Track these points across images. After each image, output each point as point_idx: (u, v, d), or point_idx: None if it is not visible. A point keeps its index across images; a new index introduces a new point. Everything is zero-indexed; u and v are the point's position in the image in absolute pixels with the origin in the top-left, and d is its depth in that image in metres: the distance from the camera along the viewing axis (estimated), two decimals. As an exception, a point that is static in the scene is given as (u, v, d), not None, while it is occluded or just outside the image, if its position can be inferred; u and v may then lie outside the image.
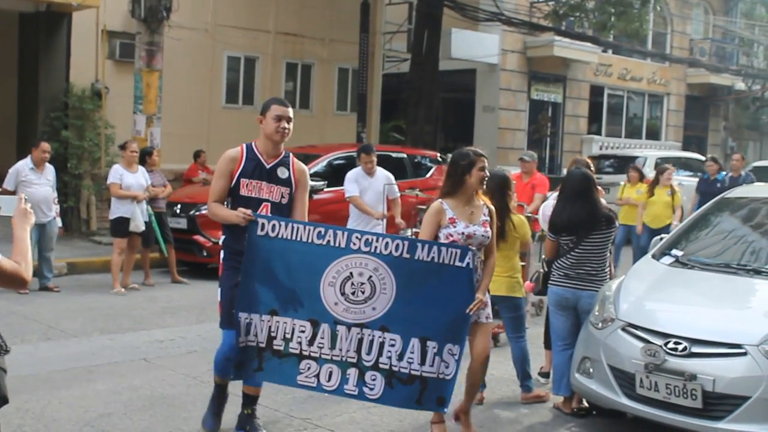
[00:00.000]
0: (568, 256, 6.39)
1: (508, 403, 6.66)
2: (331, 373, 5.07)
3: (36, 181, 10.55)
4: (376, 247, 5.06)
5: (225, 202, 5.45)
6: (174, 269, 11.74)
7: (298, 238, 5.04)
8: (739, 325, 5.52)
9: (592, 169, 7.06)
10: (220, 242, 5.52)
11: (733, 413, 5.17)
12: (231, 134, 17.67)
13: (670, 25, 29.78)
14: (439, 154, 15.84)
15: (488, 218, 5.57)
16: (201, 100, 17.77)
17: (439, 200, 5.62)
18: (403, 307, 5.08)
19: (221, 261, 5.45)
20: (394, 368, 5.09)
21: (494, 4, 21.09)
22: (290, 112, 5.47)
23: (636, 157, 21.39)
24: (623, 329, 5.79)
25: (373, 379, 5.08)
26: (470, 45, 22.57)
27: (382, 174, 10.13)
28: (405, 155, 14.90)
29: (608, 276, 6.60)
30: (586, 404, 6.47)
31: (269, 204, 5.37)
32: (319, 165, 13.10)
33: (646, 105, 29.87)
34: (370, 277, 5.05)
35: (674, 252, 6.69)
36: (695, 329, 5.49)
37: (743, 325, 5.49)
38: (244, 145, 5.54)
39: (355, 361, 5.06)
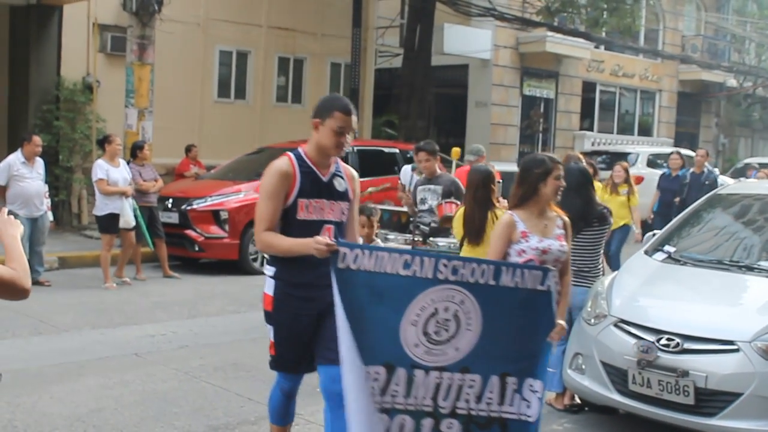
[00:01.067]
0: (561, 252, 6.38)
1: (501, 398, 6.64)
2: (402, 426, 4.27)
3: (28, 175, 10.49)
4: (463, 275, 4.26)
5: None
6: (165, 264, 11.69)
7: (382, 270, 4.15)
8: (731, 321, 5.52)
9: (584, 164, 7.07)
10: (269, 273, 4.53)
11: (725, 410, 5.18)
12: (223, 129, 17.69)
13: (662, 22, 29.80)
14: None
15: (563, 231, 5.03)
16: (193, 94, 17.72)
17: (509, 212, 5.04)
18: (488, 343, 4.37)
19: (270, 294, 4.49)
20: (473, 412, 4.39)
21: (487, -1, 21.10)
22: (356, 120, 4.52)
23: (627, 153, 21.46)
24: (616, 325, 5.79)
25: (449, 428, 4.35)
26: (463, 40, 22.55)
27: None
28: (397, 150, 14.90)
29: (601, 273, 6.60)
30: (578, 400, 6.47)
31: (332, 226, 4.52)
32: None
33: (638, 101, 29.89)
34: (456, 312, 4.26)
35: (667, 248, 6.69)
36: (688, 325, 5.48)
37: (736, 321, 5.49)
38: (293, 156, 4.52)
39: (431, 409, 4.31)
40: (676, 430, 5.49)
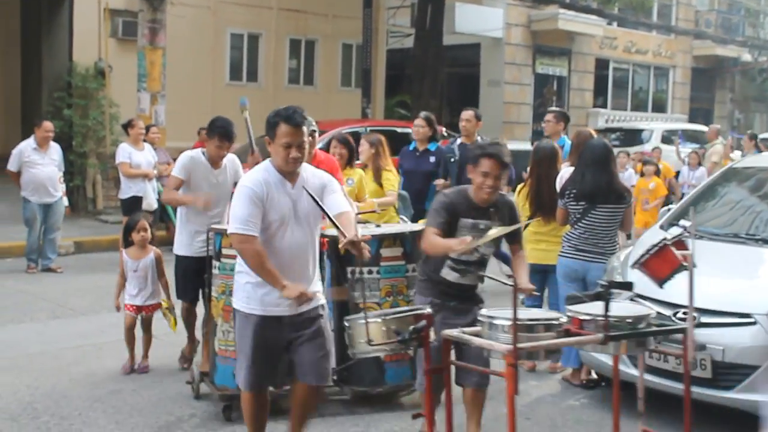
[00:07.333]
0: (577, 226, 6.37)
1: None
2: None
3: (39, 161, 10.50)
4: None
5: None
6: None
7: None
8: (748, 294, 5.50)
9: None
10: None
11: (742, 383, 5.17)
12: (235, 111, 17.60)
13: (676, -3, 29.63)
14: (444, 129, 15.80)
15: None
16: (205, 77, 17.72)
17: None
18: None
19: None
20: None
21: (498, -23, 21.01)
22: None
23: (641, 130, 21.39)
24: (632, 300, 5.77)
25: None
26: (474, 19, 22.46)
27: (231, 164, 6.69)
28: (410, 130, 14.85)
29: (617, 248, 6.58)
30: (595, 376, 6.47)
31: None
32: (324, 141, 13.07)
33: (651, 78, 29.74)
34: None
35: (682, 222, 6.65)
36: (704, 299, 5.44)
37: (752, 294, 5.47)
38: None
39: None
40: (693, 404, 5.48)
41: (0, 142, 16.47)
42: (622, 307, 4.46)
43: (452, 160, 8.95)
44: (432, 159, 9.18)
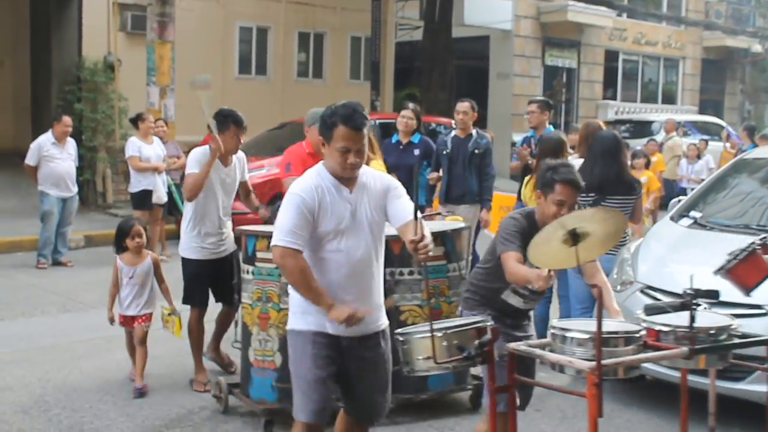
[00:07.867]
0: (587, 218, 6.37)
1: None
2: None
3: (58, 156, 10.54)
4: None
5: None
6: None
7: None
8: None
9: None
10: None
11: (753, 374, 5.15)
12: (245, 105, 17.51)
13: (686, -12, 29.51)
14: (453, 122, 15.77)
15: None
16: (214, 71, 17.61)
17: None
18: None
19: None
20: None
21: (507, -31, 20.97)
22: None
23: (651, 122, 21.32)
24: (642, 291, 5.77)
25: None
26: (483, 11, 22.42)
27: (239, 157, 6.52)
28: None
29: (627, 240, 6.58)
30: (604, 368, 6.45)
31: None
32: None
33: (661, 69, 29.63)
34: None
35: (693, 214, 6.65)
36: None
37: (763, 285, 5.43)
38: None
39: None
40: (703, 395, 5.47)
41: (10, 136, 16.56)
42: (701, 317, 4.08)
43: (444, 152, 8.72)
44: (416, 152, 8.91)
